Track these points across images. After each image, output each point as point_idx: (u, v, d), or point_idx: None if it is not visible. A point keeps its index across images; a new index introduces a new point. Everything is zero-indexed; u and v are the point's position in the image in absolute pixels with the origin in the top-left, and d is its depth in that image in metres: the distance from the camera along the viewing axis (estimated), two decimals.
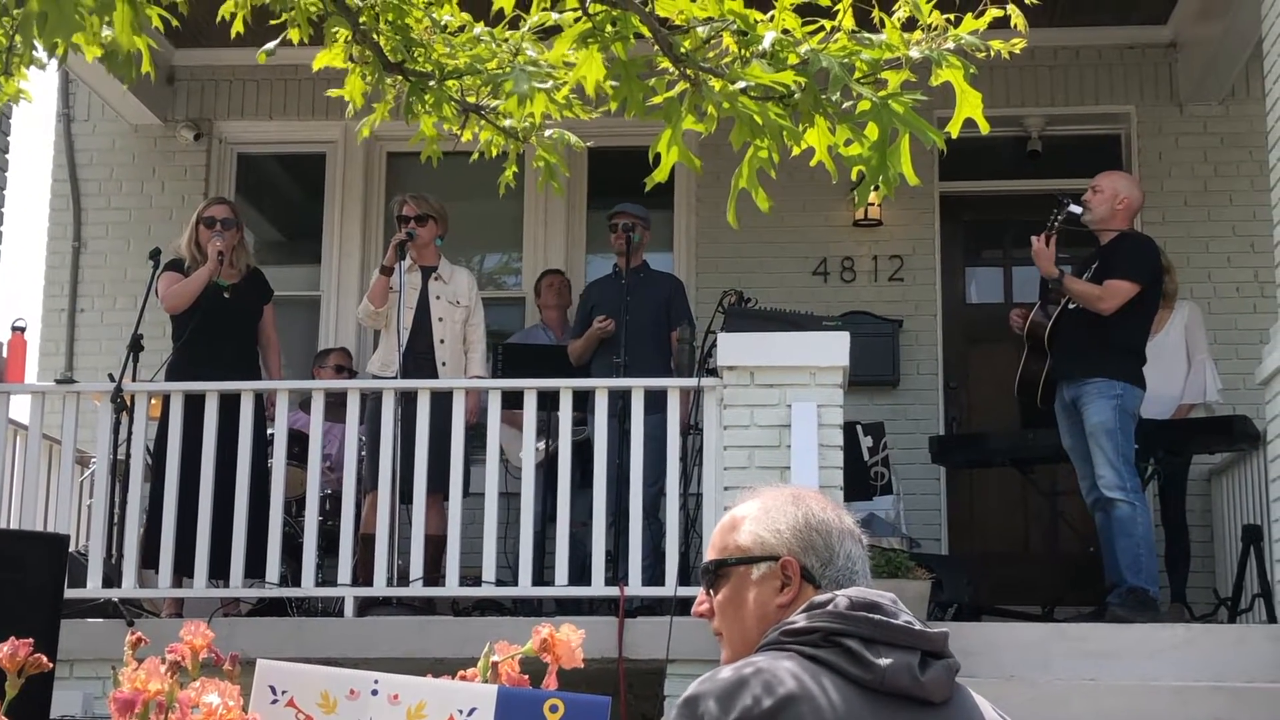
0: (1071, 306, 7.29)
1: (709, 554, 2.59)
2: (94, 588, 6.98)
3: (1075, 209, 7.22)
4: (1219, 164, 9.75)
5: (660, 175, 3.36)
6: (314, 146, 10.46)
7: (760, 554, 2.47)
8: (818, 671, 2.25)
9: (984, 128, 3.13)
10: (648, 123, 3.62)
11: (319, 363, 9.22)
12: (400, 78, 3.74)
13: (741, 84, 3.07)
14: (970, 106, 3.04)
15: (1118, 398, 7.08)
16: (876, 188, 3.21)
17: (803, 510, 2.48)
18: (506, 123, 3.76)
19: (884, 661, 2.24)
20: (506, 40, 3.60)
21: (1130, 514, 6.98)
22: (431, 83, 3.67)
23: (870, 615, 2.30)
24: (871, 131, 3.04)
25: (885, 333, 9.62)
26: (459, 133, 3.83)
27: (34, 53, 3.80)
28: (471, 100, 3.77)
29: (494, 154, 3.93)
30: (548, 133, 3.77)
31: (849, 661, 2.25)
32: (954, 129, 3.08)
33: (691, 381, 7.10)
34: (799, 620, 2.33)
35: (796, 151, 3.20)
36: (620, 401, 7.25)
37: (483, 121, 3.81)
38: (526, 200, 10.17)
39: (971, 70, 3.05)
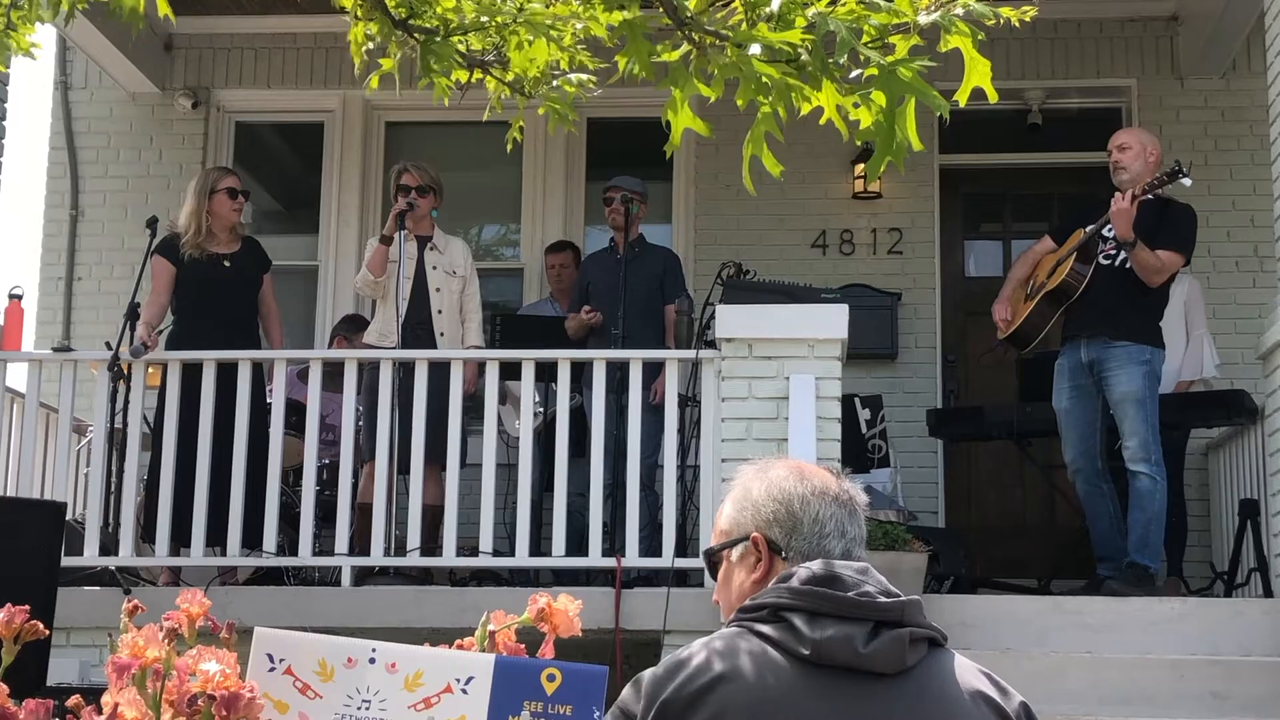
0: (1104, 262, 7.16)
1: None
2: (91, 556, 6.99)
3: (1187, 181, 7.07)
4: (1219, 138, 9.73)
5: (674, 142, 3.34)
6: (312, 115, 10.43)
7: (737, 535, 2.49)
8: (760, 648, 2.27)
9: (992, 96, 3.11)
10: (647, 95, 3.60)
11: (345, 334, 9.04)
12: (407, 35, 3.72)
13: (750, 47, 3.05)
14: (978, 75, 3.02)
15: (1146, 363, 6.98)
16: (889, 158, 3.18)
17: (764, 483, 2.49)
18: (512, 77, 3.73)
19: (820, 635, 2.25)
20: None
21: (1150, 489, 6.89)
22: (437, 38, 3.64)
23: (817, 589, 2.29)
24: (879, 98, 3.02)
25: (884, 305, 9.61)
26: (465, 84, 3.80)
27: (39, 9, 3.76)
28: (477, 50, 3.74)
29: (500, 99, 3.88)
30: (554, 82, 3.73)
31: (790, 636, 2.26)
32: (962, 97, 3.07)
33: (689, 353, 7.10)
34: (757, 597, 2.36)
35: (805, 109, 3.17)
36: (618, 374, 7.24)
37: (489, 77, 3.79)
38: (525, 171, 10.15)
39: (980, 36, 3.03)
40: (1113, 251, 7.11)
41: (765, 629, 2.29)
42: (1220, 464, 8.63)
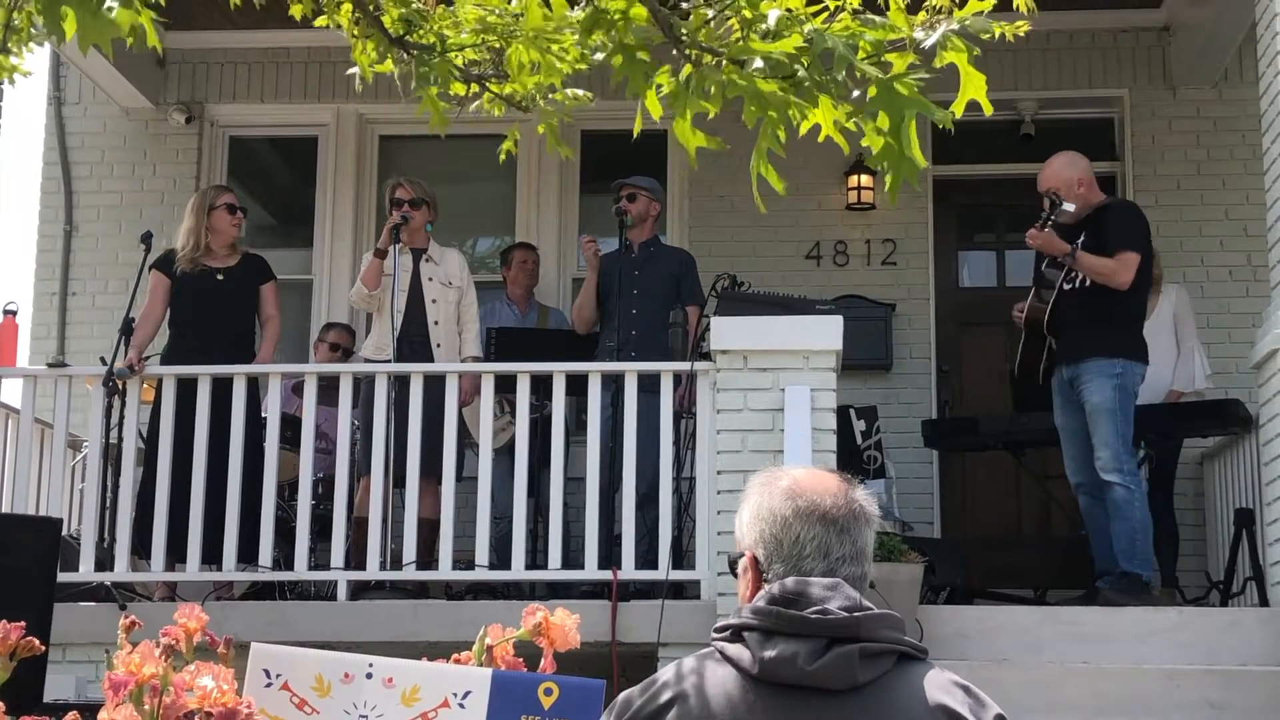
0: (1067, 287, 7.21)
1: None
2: (86, 571, 6.98)
3: (1069, 206, 7.12)
4: (1212, 148, 9.75)
5: (691, 163, 3.38)
6: (306, 129, 10.43)
7: (740, 549, 2.52)
8: (720, 668, 2.32)
9: (987, 109, 3.13)
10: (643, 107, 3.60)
11: (320, 337, 9.21)
12: (404, 52, 3.72)
13: (744, 60, 3.06)
14: (974, 88, 3.04)
15: (1117, 376, 6.99)
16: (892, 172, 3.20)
17: (759, 499, 2.50)
18: (509, 90, 3.73)
19: (768, 654, 2.28)
20: (507, 8, 3.57)
21: (1127, 498, 6.93)
22: (434, 55, 3.64)
23: (773, 607, 2.32)
24: (883, 121, 3.03)
25: (878, 316, 9.61)
26: (464, 99, 3.80)
27: (33, 29, 3.76)
28: (476, 70, 3.75)
29: (498, 112, 3.88)
30: (551, 95, 3.73)
31: (745, 655, 2.31)
32: (958, 109, 3.08)
33: (685, 366, 7.10)
34: (726, 616, 2.41)
35: (805, 128, 3.18)
36: (614, 385, 7.23)
37: (487, 92, 3.79)
38: (519, 183, 10.15)
39: (975, 52, 3.04)
40: (1074, 276, 7.18)
41: (726, 648, 2.34)
42: (1215, 473, 8.63)
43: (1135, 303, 7.19)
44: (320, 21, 3.82)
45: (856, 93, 3.09)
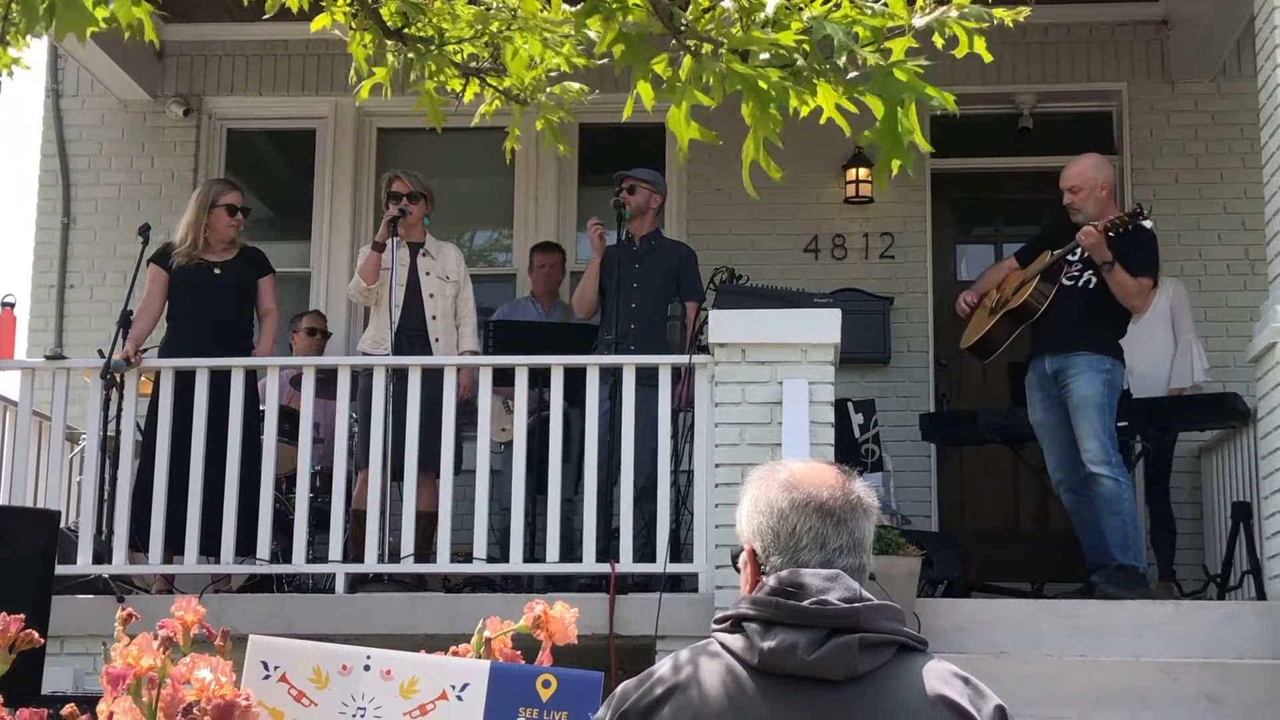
0: (1068, 283, 7.26)
1: None
2: (84, 564, 6.99)
3: (1148, 224, 7.18)
4: (1210, 141, 9.74)
5: (682, 155, 3.37)
6: (304, 122, 10.42)
7: (740, 542, 2.52)
8: (720, 659, 2.32)
9: (986, 58, 3.13)
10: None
11: (292, 326, 9.22)
12: (401, 44, 3.71)
13: (743, 50, 3.06)
14: (976, 44, 3.05)
15: (1106, 372, 7.10)
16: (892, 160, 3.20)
17: (757, 492, 2.50)
18: (507, 84, 3.72)
19: (768, 644, 2.28)
20: (505, 2, 3.56)
21: (1116, 491, 6.98)
22: (432, 48, 3.63)
23: (773, 598, 2.33)
24: (876, 104, 3.03)
25: (876, 310, 9.61)
26: (461, 94, 3.79)
27: (34, 24, 3.76)
28: (474, 64, 3.74)
29: (493, 109, 3.88)
30: (549, 89, 3.73)
31: (745, 646, 2.31)
32: (959, 53, 3.09)
33: (683, 359, 7.09)
34: (726, 608, 2.40)
35: (806, 111, 3.17)
36: (612, 378, 7.23)
37: (485, 87, 3.78)
38: (518, 176, 10.14)
39: (977, 25, 3.05)
40: (1075, 274, 7.27)
41: (727, 639, 2.34)
42: (1213, 467, 8.64)
43: (1126, 312, 7.30)
44: (316, 24, 3.81)
45: (854, 74, 3.09)
